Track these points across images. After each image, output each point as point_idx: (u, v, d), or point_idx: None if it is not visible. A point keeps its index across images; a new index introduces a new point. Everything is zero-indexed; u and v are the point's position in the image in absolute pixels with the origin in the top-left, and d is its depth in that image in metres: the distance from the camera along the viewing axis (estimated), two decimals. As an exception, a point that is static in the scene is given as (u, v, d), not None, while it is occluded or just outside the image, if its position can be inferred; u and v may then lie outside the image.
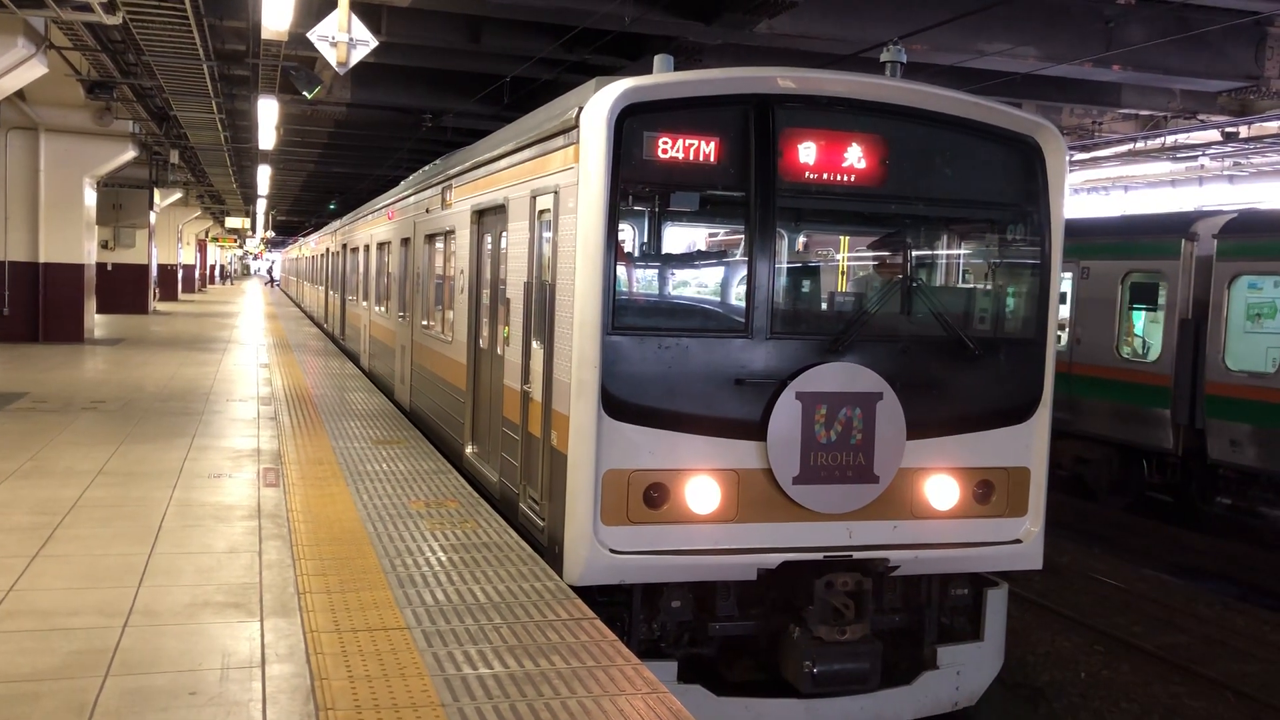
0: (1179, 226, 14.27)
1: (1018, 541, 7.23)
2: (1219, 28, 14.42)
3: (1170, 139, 22.76)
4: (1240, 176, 26.67)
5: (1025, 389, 7.23)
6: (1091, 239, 15.45)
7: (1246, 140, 22.27)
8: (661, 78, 6.52)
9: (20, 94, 18.90)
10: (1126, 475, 15.09)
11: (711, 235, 8.30)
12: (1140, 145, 23.37)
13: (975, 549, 7.11)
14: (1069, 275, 15.49)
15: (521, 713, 4.51)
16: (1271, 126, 21.08)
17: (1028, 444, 7.23)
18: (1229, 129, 21.00)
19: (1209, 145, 22.92)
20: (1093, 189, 30.86)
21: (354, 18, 11.00)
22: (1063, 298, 15.52)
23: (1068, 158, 7.30)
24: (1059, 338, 15.25)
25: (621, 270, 6.74)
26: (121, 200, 31.56)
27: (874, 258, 7.83)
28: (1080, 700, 8.87)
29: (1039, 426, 7.25)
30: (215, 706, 4.52)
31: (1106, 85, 18.13)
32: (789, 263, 7.64)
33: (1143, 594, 11.56)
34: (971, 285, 7.86)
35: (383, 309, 16.65)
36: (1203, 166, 25.78)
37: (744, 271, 6.67)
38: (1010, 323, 7.46)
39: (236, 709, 4.51)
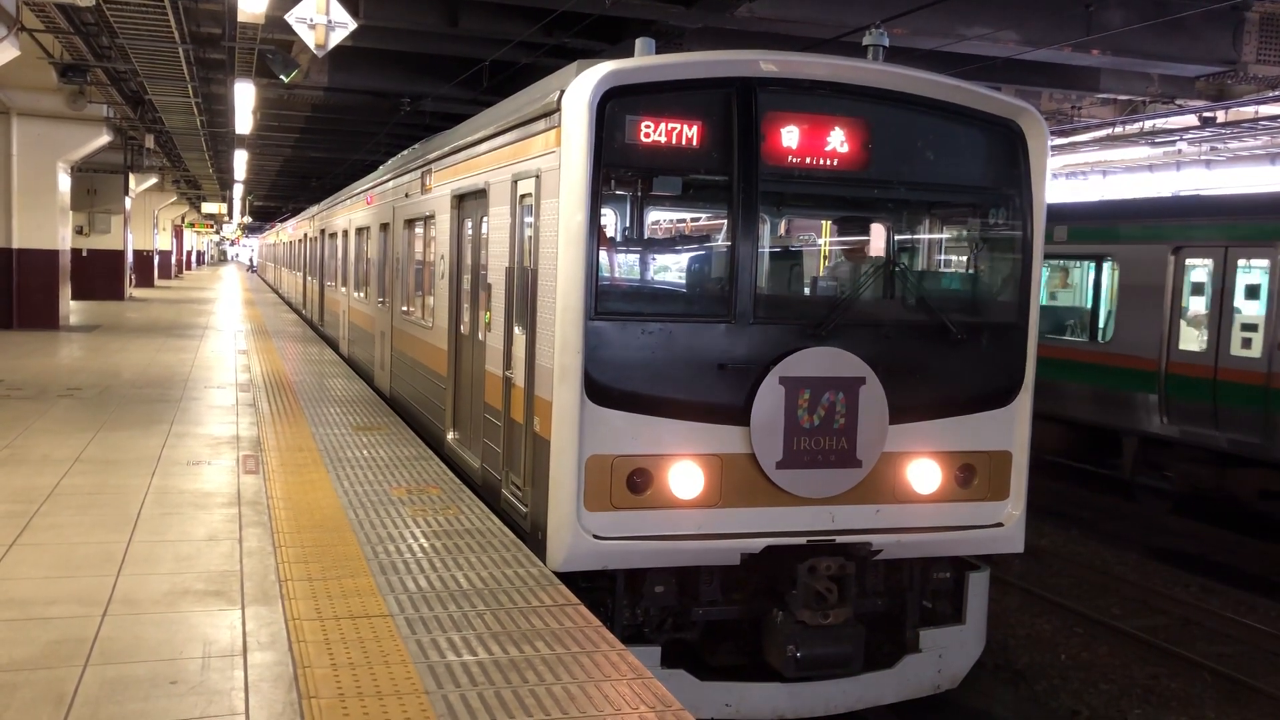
0: None
1: (999, 525, 7.27)
2: (1197, 12, 14.46)
3: (1148, 124, 22.86)
4: (1217, 161, 26.84)
5: (1007, 373, 7.24)
6: None
7: (1223, 125, 22.39)
8: (643, 61, 6.48)
9: (-9, 77, 18.67)
10: None
11: (694, 220, 8.28)
12: (1118, 130, 23.47)
13: (957, 533, 7.14)
14: (1266, 263, 12.09)
15: (506, 699, 4.50)
16: (1248, 111, 21.21)
17: (1009, 428, 7.25)
18: (1206, 114, 21.10)
19: (1186, 130, 23.03)
20: (1071, 174, 30.99)
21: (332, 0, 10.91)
22: (1254, 290, 12.52)
23: (1049, 142, 7.31)
24: (1249, 342, 12.61)
25: (604, 255, 6.70)
26: (96, 185, 31.29)
27: (856, 242, 7.83)
28: (1060, 682, 8.94)
29: (1021, 410, 7.27)
30: (197, 695, 4.49)
31: (1085, 70, 18.17)
32: (772, 247, 7.62)
33: (1121, 576, 11.65)
34: (954, 270, 7.87)
35: (362, 295, 16.54)
36: (1180, 151, 25.91)
37: (727, 256, 6.65)
38: (992, 307, 7.47)
39: (218, 698, 4.47)
